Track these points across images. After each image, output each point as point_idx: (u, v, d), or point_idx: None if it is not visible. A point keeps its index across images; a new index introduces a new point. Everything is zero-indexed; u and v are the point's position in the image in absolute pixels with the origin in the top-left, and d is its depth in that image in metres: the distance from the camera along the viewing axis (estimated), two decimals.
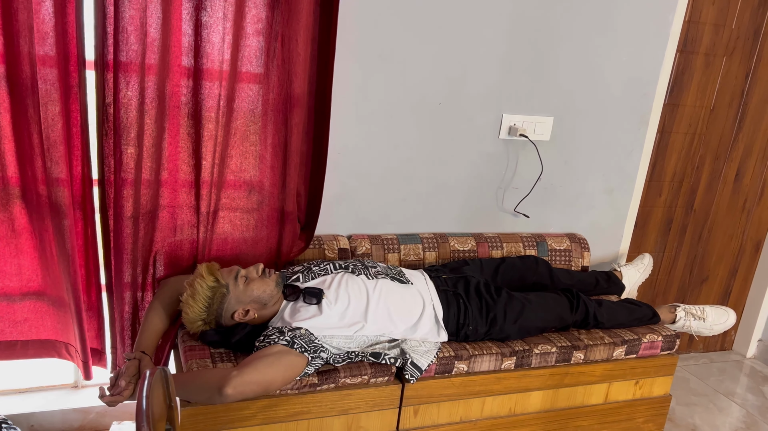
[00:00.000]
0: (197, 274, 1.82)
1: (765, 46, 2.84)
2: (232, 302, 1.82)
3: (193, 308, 1.80)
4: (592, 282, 2.43)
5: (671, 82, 2.72)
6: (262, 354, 1.68)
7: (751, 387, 3.10)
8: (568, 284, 2.34)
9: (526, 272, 2.31)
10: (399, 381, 1.92)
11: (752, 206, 3.15)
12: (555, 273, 2.36)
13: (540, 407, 2.14)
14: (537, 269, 2.33)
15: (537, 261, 2.36)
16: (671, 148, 2.86)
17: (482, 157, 2.46)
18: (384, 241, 2.33)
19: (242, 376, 1.59)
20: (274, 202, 2.11)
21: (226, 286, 1.81)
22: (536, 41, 2.37)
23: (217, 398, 1.58)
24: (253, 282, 1.84)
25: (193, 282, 1.81)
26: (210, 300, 1.80)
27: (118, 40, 1.77)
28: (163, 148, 1.93)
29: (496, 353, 2.01)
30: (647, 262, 2.61)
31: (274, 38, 1.93)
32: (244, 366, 1.63)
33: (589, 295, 2.34)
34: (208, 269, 1.82)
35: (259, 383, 1.62)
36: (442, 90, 2.32)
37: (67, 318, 2.03)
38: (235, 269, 1.86)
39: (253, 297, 1.84)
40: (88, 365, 2.08)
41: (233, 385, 1.57)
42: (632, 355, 2.21)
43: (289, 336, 1.74)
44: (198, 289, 1.79)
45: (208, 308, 1.81)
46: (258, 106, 2.00)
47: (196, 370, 1.71)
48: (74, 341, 2.06)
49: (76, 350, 2.07)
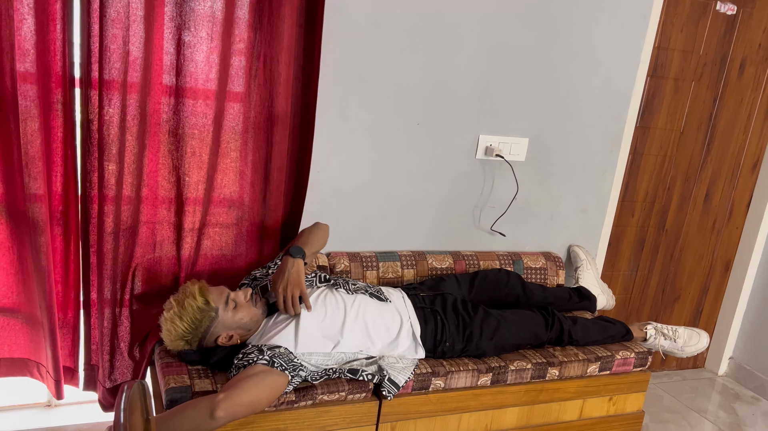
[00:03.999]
0: (187, 293, 1.80)
1: (731, 72, 2.95)
2: (218, 327, 1.82)
3: (177, 327, 1.79)
4: (565, 296, 2.47)
5: (642, 105, 2.80)
6: (245, 375, 1.67)
7: (722, 404, 3.15)
8: (541, 297, 2.37)
9: (498, 284, 2.35)
10: (376, 397, 1.93)
11: (721, 226, 3.24)
12: (528, 286, 2.40)
13: (516, 423, 2.16)
14: (509, 281, 2.37)
15: (508, 275, 2.41)
16: (643, 169, 2.94)
17: (460, 177, 2.51)
18: (363, 259, 2.36)
19: (230, 398, 1.58)
20: (254, 217, 2.13)
21: (216, 310, 1.80)
22: (512, 64, 2.44)
23: (208, 423, 1.57)
24: (241, 309, 1.83)
25: (183, 300, 1.79)
26: (198, 322, 1.79)
27: (101, 58, 1.80)
28: (144, 164, 1.94)
29: (473, 369, 2.04)
30: (582, 254, 2.68)
31: (256, 58, 1.97)
32: (230, 389, 1.62)
33: (564, 310, 2.38)
34: (200, 290, 1.80)
35: (248, 404, 1.62)
36: (421, 111, 2.37)
37: (40, 337, 2.02)
38: (225, 293, 1.84)
39: (239, 324, 1.84)
40: (60, 385, 2.06)
41: (223, 408, 1.56)
42: (606, 372, 2.25)
43: (268, 355, 1.74)
44: (188, 309, 1.77)
45: (194, 330, 1.80)
46: (239, 124, 2.03)
47: (177, 406, 1.66)
48: (45, 361, 2.04)
49: (47, 370, 2.05)
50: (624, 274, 3.10)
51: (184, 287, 1.83)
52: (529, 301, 2.35)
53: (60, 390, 2.06)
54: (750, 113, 3.06)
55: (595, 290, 2.55)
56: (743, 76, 2.97)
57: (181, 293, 1.81)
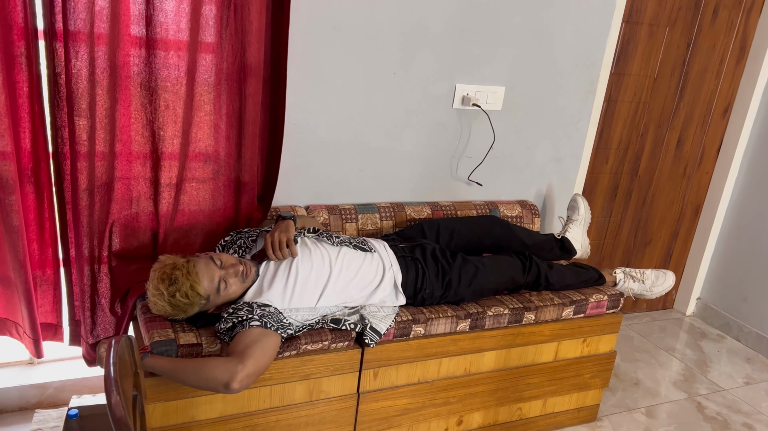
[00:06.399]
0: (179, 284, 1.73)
1: (705, 17, 2.95)
2: (207, 305, 1.82)
3: (166, 310, 1.77)
4: (547, 247, 2.50)
5: (617, 52, 2.81)
6: (249, 341, 1.67)
7: (689, 342, 3.29)
8: (522, 242, 2.40)
9: (482, 235, 2.37)
10: (359, 345, 1.98)
11: (692, 172, 3.31)
12: (515, 231, 2.40)
13: (493, 366, 2.23)
14: (492, 231, 2.39)
15: (492, 223, 2.41)
16: (617, 117, 2.97)
17: (436, 127, 2.51)
18: (342, 211, 2.36)
19: (246, 369, 1.61)
20: (230, 172, 2.11)
21: (207, 298, 1.79)
22: (487, 11, 2.41)
23: (221, 390, 1.61)
24: (231, 287, 1.82)
25: (175, 292, 1.73)
26: (188, 307, 1.78)
27: (65, 8, 1.73)
28: (116, 119, 1.90)
29: (452, 316, 2.09)
30: (583, 209, 2.59)
31: (227, 7, 1.91)
32: (243, 358, 1.62)
33: (543, 258, 2.43)
34: (191, 286, 1.74)
35: (259, 373, 1.66)
36: (397, 60, 2.34)
37: (14, 297, 2.00)
38: (216, 277, 1.78)
39: (230, 299, 1.85)
40: (39, 343, 2.06)
41: (239, 380, 1.59)
42: (580, 315, 2.32)
43: (257, 314, 1.75)
44: (179, 302, 1.74)
45: (184, 312, 1.79)
46: (212, 76, 1.98)
47: (194, 360, 1.67)
48: (21, 320, 2.03)
49: (24, 330, 2.04)
50: (597, 221, 3.16)
51: (172, 270, 1.75)
52: (510, 246, 2.38)
53: (38, 348, 2.06)
54: (722, 58, 3.09)
55: (577, 244, 2.56)
56: (716, 20, 2.98)
57: (166, 278, 1.74)
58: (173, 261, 1.79)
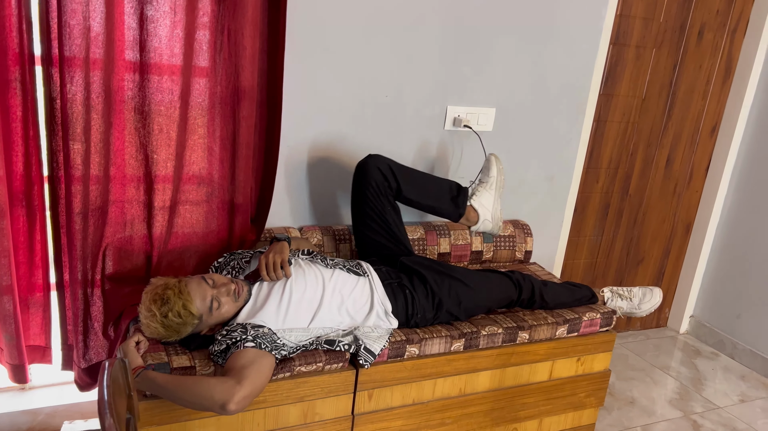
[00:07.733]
0: (171, 304, 1.73)
1: (691, 39, 3.01)
2: (200, 326, 1.82)
3: (159, 331, 1.76)
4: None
5: (605, 73, 2.85)
6: (245, 362, 1.66)
7: (684, 360, 3.29)
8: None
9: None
10: (353, 366, 1.97)
11: (682, 190, 3.34)
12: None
13: (488, 386, 2.23)
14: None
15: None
16: (607, 137, 3.01)
17: (429, 148, 2.53)
18: (335, 232, 2.37)
19: (243, 391, 1.60)
20: (224, 194, 2.12)
21: (200, 317, 1.79)
22: (477, 34, 2.45)
23: (217, 411, 1.59)
24: (223, 306, 1.82)
25: (166, 313, 1.73)
26: (181, 327, 1.77)
27: (61, 34, 1.75)
28: (110, 143, 1.91)
29: (446, 335, 2.09)
30: (495, 170, 2.31)
31: (220, 32, 1.94)
32: (240, 379, 1.62)
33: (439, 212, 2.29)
34: (183, 305, 1.74)
35: (255, 394, 1.65)
36: (389, 83, 2.37)
37: None
38: (208, 296, 1.78)
39: (223, 319, 1.84)
40: (23, 369, 2.04)
41: (236, 401, 1.58)
42: (574, 333, 2.33)
43: (252, 334, 1.75)
44: (171, 322, 1.74)
45: (177, 334, 1.79)
46: (206, 100, 2.01)
47: (191, 378, 1.66)
48: (3, 344, 2.02)
49: (6, 357, 2.02)
50: (590, 239, 3.18)
51: (164, 290, 1.75)
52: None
53: (22, 374, 2.04)
54: (708, 79, 3.14)
55: (486, 212, 2.30)
56: (702, 42, 3.04)
57: (158, 299, 1.74)
58: (164, 281, 1.79)
